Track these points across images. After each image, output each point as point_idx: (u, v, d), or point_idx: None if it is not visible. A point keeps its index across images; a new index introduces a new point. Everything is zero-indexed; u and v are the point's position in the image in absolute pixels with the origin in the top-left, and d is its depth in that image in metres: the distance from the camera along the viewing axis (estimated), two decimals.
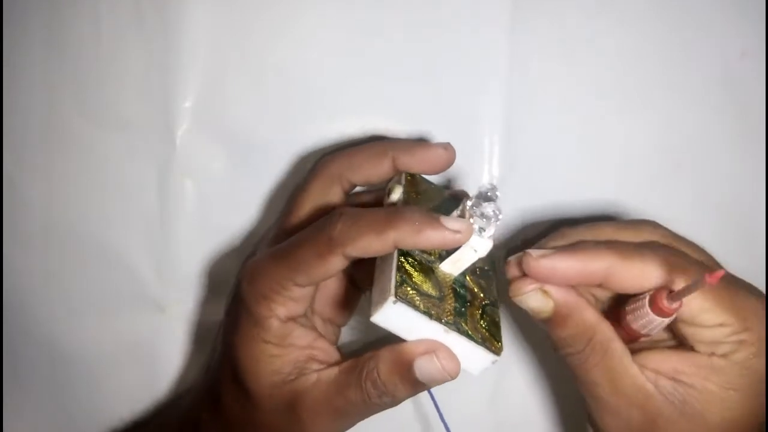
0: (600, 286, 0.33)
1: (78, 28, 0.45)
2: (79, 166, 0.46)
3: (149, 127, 0.45)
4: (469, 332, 0.33)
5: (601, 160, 0.44)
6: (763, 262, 0.43)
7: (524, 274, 0.33)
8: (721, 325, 0.32)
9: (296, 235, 0.35)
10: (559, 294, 0.33)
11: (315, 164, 0.39)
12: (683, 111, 0.43)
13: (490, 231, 0.33)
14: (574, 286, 0.33)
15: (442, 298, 0.33)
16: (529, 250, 0.33)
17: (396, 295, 0.31)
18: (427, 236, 0.32)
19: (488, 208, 0.33)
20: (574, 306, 0.33)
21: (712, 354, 0.32)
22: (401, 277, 0.32)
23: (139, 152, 0.45)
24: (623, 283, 0.33)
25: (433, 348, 0.32)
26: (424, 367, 0.32)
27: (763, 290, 0.43)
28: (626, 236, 0.35)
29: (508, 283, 0.34)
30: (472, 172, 0.44)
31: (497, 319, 0.35)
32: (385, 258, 0.34)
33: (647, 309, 0.32)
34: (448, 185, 0.43)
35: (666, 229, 0.36)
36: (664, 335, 0.35)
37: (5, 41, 0.46)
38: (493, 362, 0.33)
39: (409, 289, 0.32)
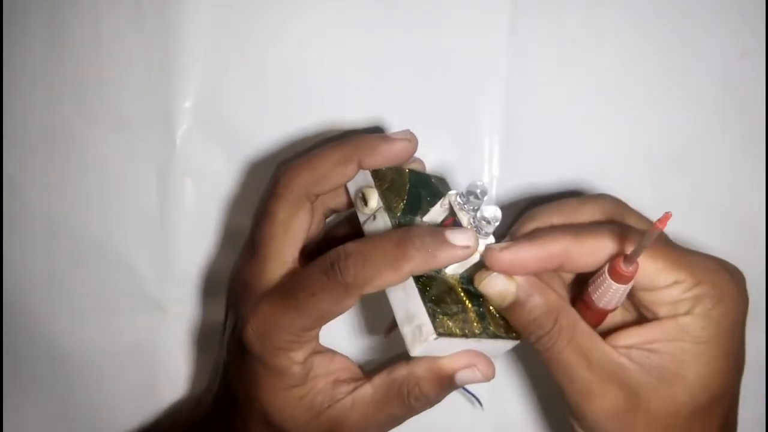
0: (561, 268, 0.34)
1: (78, 28, 0.45)
2: (79, 166, 0.46)
3: (149, 127, 0.45)
4: (496, 332, 0.34)
5: (600, 160, 0.44)
6: (763, 262, 0.43)
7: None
8: (675, 282, 0.33)
9: (301, 279, 0.34)
10: (520, 277, 0.34)
11: (276, 177, 0.37)
12: (683, 111, 0.43)
13: (490, 231, 0.34)
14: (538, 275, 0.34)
15: (464, 309, 0.34)
16: (491, 245, 0.34)
17: (436, 331, 0.32)
18: (441, 260, 0.33)
19: (490, 211, 0.34)
20: (536, 286, 0.34)
21: (675, 315, 0.33)
22: (431, 308, 0.33)
23: (139, 152, 0.45)
24: (581, 261, 0.33)
25: (473, 362, 0.34)
26: (465, 377, 0.34)
27: (764, 290, 0.43)
28: (587, 210, 0.36)
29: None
30: (472, 172, 0.44)
31: None
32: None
33: (608, 280, 0.32)
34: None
35: (622, 202, 0.37)
36: (629, 316, 0.36)
37: (5, 41, 0.46)
38: (515, 345, 0.35)
39: (444, 318, 0.33)
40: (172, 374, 0.47)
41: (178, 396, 0.48)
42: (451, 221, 0.35)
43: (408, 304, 0.33)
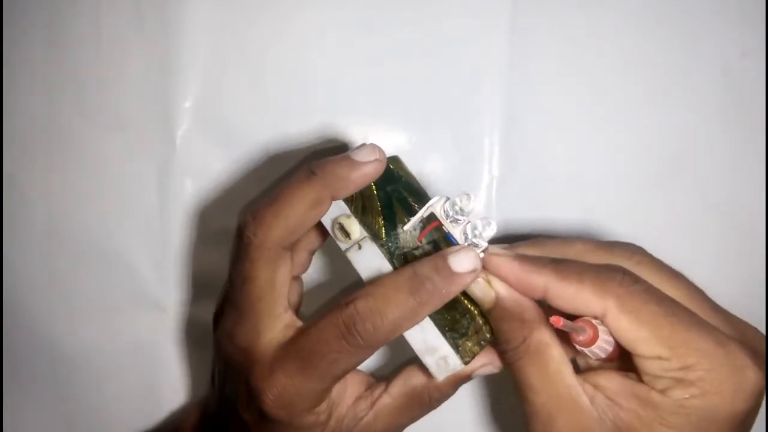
0: (544, 300, 0.33)
1: (78, 28, 0.45)
2: (79, 166, 0.46)
3: (149, 127, 0.45)
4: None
5: (600, 160, 0.44)
6: (763, 262, 0.43)
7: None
8: (658, 357, 0.30)
9: (316, 345, 0.33)
10: (501, 287, 0.33)
11: (246, 237, 0.34)
12: (683, 111, 0.43)
13: (484, 244, 0.34)
14: None
15: (472, 317, 0.35)
16: (491, 246, 0.34)
17: (463, 360, 0.34)
18: (453, 293, 0.33)
19: (485, 227, 0.34)
20: (514, 301, 0.33)
21: (652, 388, 0.31)
22: (451, 337, 0.34)
23: (139, 152, 0.45)
24: (560, 303, 0.32)
25: (488, 360, 0.36)
26: (482, 372, 0.36)
27: (763, 290, 0.43)
28: (596, 257, 0.33)
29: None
30: (472, 172, 0.44)
31: None
32: None
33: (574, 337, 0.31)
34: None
35: (647, 255, 0.34)
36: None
37: (5, 41, 0.46)
38: None
39: (464, 342, 0.34)
40: (172, 374, 0.47)
41: (178, 396, 0.48)
42: (434, 225, 0.35)
43: (425, 337, 0.34)
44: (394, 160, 0.37)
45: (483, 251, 0.34)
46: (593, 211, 0.44)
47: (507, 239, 0.44)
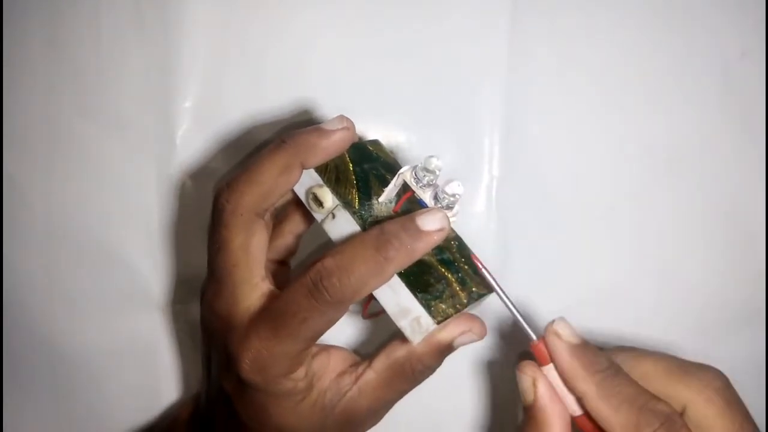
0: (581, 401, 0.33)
1: (78, 28, 0.45)
2: (79, 166, 0.46)
3: (149, 127, 0.45)
4: (478, 291, 0.36)
5: (601, 160, 0.44)
6: (763, 262, 0.43)
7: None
8: None
9: (286, 305, 0.33)
10: (544, 394, 0.33)
11: (220, 203, 0.35)
12: (683, 111, 0.43)
13: (454, 205, 0.35)
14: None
15: (448, 283, 0.35)
16: (564, 326, 0.34)
17: (435, 320, 0.33)
18: (420, 251, 0.33)
19: (452, 188, 0.35)
20: (549, 414, 0.33)
21: None
22: (422, 298, 0.34)
23: (139, 152, 0.45)
24: (594, 415, 0.32)
25: (467, 326, 0.35)
26: (462, 341, 0.36)
27: (764, 290, 0.43)
28: (662, 383, 0.33)
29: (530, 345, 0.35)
30: (472, 172, 0.44)
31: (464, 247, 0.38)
32: None
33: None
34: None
35: (722, 390, 0.33)
36: None
37: (5, 41, 0.46)
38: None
39: (437, 303, 0.34)
40: (171, 374, 0.47)
41: (178, 395, 0.48)
42: (408, 196, 0.36)
43: (398, 299, 0.34)
44: (375, 143, 0.38)
45: (448, 209, 0.35)
46: (593, 212, 0.44)
47: (507, 239, 0.44)
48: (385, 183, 0.36)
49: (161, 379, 0.48)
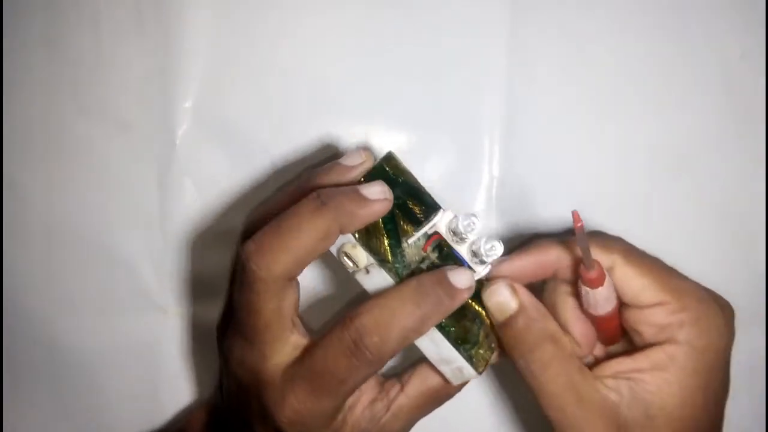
0: (557, 275, 0.35)
1: (78, 28, 0.45)
2: (79, 166, 0.46)
3: (149, 127, 0.45)
4: None
5: (600, 160, 0.44)
6: (763, 262, 0.43)
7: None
8: (659, 303, 0.33)
9: (325, 364, 0.33)
10: (526, 296, 0.34)
11: (250, 268, 0.32)
12: (683, 111, 0.43)
13: (489, 261, 0.35)
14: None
15: (482, 320, 0.35)
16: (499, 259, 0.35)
17: (477, 371, 0.35)
18: (454, 307, 0.33)
19: (496, 248, 0.35)
20: (540, 310, 0.34)
21: (661, 342, 0.33)
22: (464, 350, 0.34)
23: (140, 152, 0.45)
24: (571, 270, 0.35)
25: (496, 358, 0.37)
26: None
27: (764, 290, 0.43)
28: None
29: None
30: (472, 172, 0.44)
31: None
32: None
33: (583, 287, 0.33)
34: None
35: (629, 244, 0.36)
36: (620, 348, 0.36)
37: (5, 41, 0.46)
38: None
39: (477, 351, 0.35)
40: (172, 374, 0.47)
41: (179, 396, 0.48)
42: (436, 238, 0.35)
43: (439, 350, 0.34)
44: (389, 158, 0.36)
45: (484, 264, 0.35)
46: (593, 212, 0.44)
47: (506, 239, 0.44)
48: (409, 213, 0.35)
49: (162, 379, 0.48)
